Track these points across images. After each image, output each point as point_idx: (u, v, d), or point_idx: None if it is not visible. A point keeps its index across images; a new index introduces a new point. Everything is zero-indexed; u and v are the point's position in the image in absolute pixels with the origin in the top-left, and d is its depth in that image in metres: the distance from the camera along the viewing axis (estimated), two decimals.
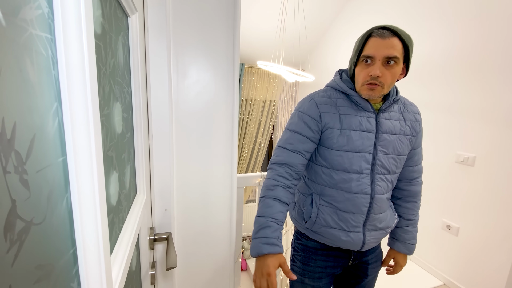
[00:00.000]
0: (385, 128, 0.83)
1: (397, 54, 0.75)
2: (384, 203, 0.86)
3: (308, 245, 0.92)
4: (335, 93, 0.86)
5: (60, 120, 0.25)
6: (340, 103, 0.84)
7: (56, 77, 0.25)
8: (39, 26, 0.22)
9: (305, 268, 0.92)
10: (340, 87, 0.85)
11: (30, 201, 0.20)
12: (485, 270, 1.78)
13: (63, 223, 0.26)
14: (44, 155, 0.22)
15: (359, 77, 0.81)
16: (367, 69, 0.78)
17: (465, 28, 1.87)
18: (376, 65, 0.75)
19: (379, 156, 0.82)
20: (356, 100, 0.83)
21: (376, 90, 0.78)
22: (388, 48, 0.74)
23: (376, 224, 0.86)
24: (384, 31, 0.75)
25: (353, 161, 0.81)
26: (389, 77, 0.77)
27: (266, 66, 2.21)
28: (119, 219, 0.47)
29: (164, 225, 0.84)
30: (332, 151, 0.82)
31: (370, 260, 0.94)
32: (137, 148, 0.64)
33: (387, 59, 0.75)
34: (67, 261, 0.27)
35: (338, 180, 0.82)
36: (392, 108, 0.86)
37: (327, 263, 0.90)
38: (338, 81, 0.87)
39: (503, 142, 1.68)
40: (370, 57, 0.76)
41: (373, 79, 0.77)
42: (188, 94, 0.91)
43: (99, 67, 0.37)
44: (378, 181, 0.83)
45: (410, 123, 0.87)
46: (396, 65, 0.76)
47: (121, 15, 0.53)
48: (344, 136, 0.81)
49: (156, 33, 0.77)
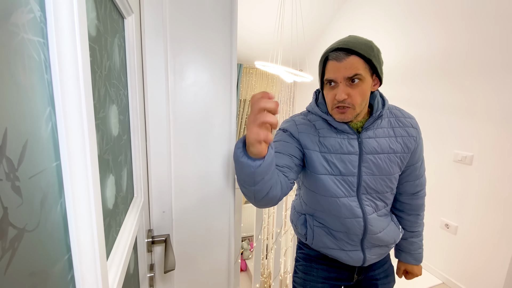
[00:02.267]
0: (370, 149, 0.77)
1: (359, 71, 0.70)
2: (380, 221, 0.81)
3: (310, 254, 0.90)
4: (314, 116, 0.83)
5: (54, 124, 0.25)
6: (319, 126, 0.80)
7: (49, 82, 0.24)
8: (31, 30, 0.22)
9: (306, 278, 0.90)
10: (315, 112, 0.82)
11: (22, 208, 0.20)
12: (483, 268, 1.79)
13: (58, 229, 0.26)
14: (37, 160, 0.22)
15: (328, 100, 0.77)
16: (332, 91, 0.74)
17: (463, 28, 1.87)
18: (340, 88, 0.71)
19: (364, 178, 0.77)
20: (332, 123, 0.78)
21: (348, 113, 0.73)
22: (346, 69, 0.69)
23: (375, 242, 0.82)
24: (339, 53, 0.70)
25: (339, 185, 0.77)
26: (358, 97, 0.72)
27: (264, 66, 2.21)
28: (116, 222, 0.47)
29: (162, 227, 0.84)
30: (315, 176, 0.79)
31: (379, 275, 0.90)
32: (134, 150, 0.64)
33: (350, 79, 0.70)
34: (62, 267, 0.26)
35: (328, 205, 0.79)
36: (378, 124, 0.79)
37: (330, 274, 0.88)
38: (313, 105, 0.84)
39: (500, 140, 1.69)
40: (331, 80, 0.73)
41: (340, 103, 0.72)
42: (185, 95, 0.91)
43: (94, 70, 0.36)
44: (366, 201, 0.79)
45: (401, 139, 0.79)
46: (362, 82, 0.71)
47: (116, 17, 0.53)
48: (325, 160, 0.77)
49: (152, 35, 0.77)
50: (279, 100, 3.98)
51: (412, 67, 2.25)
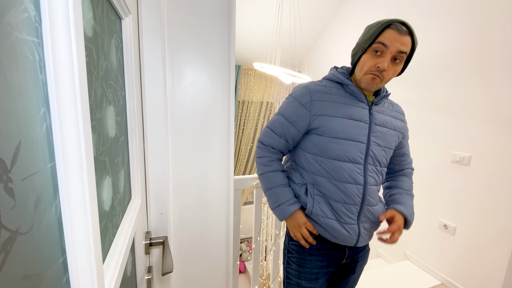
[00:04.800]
0: (379, 121, 0.84)
1: (407, 51, 0.76)
2: (377, 195, 0.87)
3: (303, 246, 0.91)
4: (330, 83, 0.87)
5: (48, 125, 0.25)
6: (334, 92, 0.85)
7: (43, 82, 0.24)
8: (25, 30, 0.21)
9: (301, 270, 0.90)
10: (337, 77, 0.87)
11: (15, 210, 0.20)
12: (482, 269, 1.79)
13: (52, 231, 0.25)
14: (31, 161, 0.22)
15: (364, 65, 0.80)
16: (375, 59, 0.78)
17: (461, 28, 1.89)
18: (386, 58, 0.76)
19: (372, 147, 0.82)
20: (352, 89, 0.84)
21: (376, 81, 0.79)
22: (403, 44, 0.74)
23: (370, 217, 0.86)
24: (402, 26, 0.75)
25: (347, 149, 0.80)
26: (391, 74, 0.79)
27: (263, 67, 2.21)
28: (113, 224, 0.46)
29: (160, 229, 0.83)
30: (326, 138, 0.81)
31: (360, 258, 0.94)
32: (131, 151, 0.63)
33: (396, 55, 0.76)
34: (56, 270, 0.26)
35: (331, 169, 0.81)
36: (383, 104, 0.89)
37: (322, 262, 0.90)
38: (334, 72, 0.89)
39: (498, 141, 1.70)
40: (384, 45, 0.75)
41: (377, 71, 0.77)
42: (183, 96, 0.90)
43: (91, 70, 0.36)
44: (371, 172, 0.83)
45: (397, 121, 0.90)
46: (400, 63, 0.79)
47: (114, 18, 0.53)
48: (338, 123, 0.81)
49: (150, 36, 0.76)
50: (277, 102, 3.99)
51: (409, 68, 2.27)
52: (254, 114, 3.83)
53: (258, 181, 1.45)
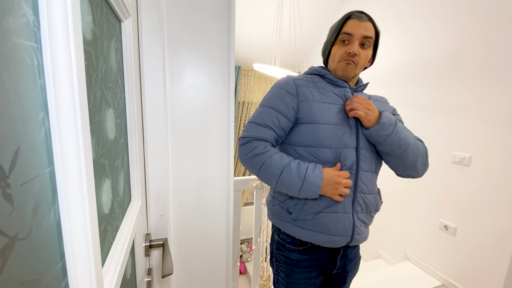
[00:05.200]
0: None
1: (372, 36, 0.83)
2: (370, 182, 0.84)
3: (290, 258, 0.87)
4: (311, 76, 0.91)
5: (47, 130, 0.25)
6: (317, 80, 0.88)
7: (42, 86, 0.24)
8: (23, 35, 0.21)
9: (288, 280, 0.89)
10: (315, 69, 0.91)
11: (14, 215, 0.20)
12: (483, 270, 1.78)
13: (51, 236, 0.25)
14: (29, 166, 0.22)
15: (335, 55, 0.86)
16: (344, 47, 0.84)
17: (461, 28, 1.89)
18: (354, 44, 0.82)
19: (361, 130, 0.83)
20: (330, 78, 0.87)
21: (351, 66, 0.83)
22: (365, 29, 0.81)
23: (363, 206, 0.83)
24: (362, 15, 0.83)
25: (339, 134, 0.80)
26: (363, 58, 0.83)
27: (263, 68, 2.21)
28: (113, 227, 0.46)
29: (160, 231, 0.83)
30: (315, 126, 0.80)
31: (349, 268, 0.91)
32: (131, 154, 0.63)
33: (363, 40, 0.81)
34: (55, 275, 0.26)
35: (324, 158, 0.80)
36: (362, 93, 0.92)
37: (311, 273, 0.87)
38: (311, 67, 0.94)
39: (498, 142, 1.70)
40: (349, 35, 0.82)
41: (350, 56, 0.82)
42: (183, 97, 0.90)
43: (90, 73, 0.36)
44: (364, 156, 0.82)
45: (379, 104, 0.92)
46: (369, 48, 0.84)
47: (113, 20, 0.53)
48: (326, 109, 0.82)
49: (150, 38, 0.76)
50: None
51: (410, 69, 2.26)
52: None
53: (258, 182, 1.44)
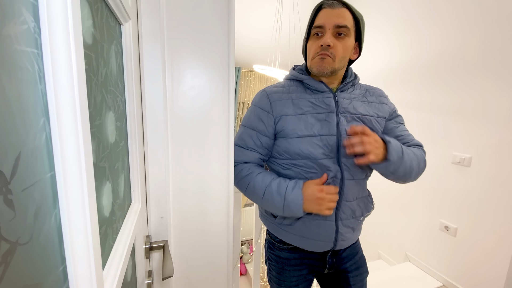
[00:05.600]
0: (346, 108, 0.78)
1: (347, 24, 0.74)
2: (356, 189, 0.80)
3: (280, 256, 0.88)
4: (290, 82, 0.85)
5: (48, 135, 0.25)
6: (293, 90, 0.82)
7: (43, 92, 0.24)
8: (24, 41, 0.22)
9: (280, 278, 0.89)
10: (292, 75, 0.85)
11: (15, 221, 0.20)
12: (484, 270, 1.78)
13: (52, 240, 0.25)
14: (30, 172, 0.22)
15: (310, 51, 0.79)
16: (317, 41, 0.76)
17: (460, 29, 1.89)
18: (327, 35, 0.74)
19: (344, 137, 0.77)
20: (308, 83, 0.80)
21: (326, 61, 0.75)
22: (338, 17, 0.73)
23: (349, 213, 0.80)
24: (333, 1, 0.75)
25: (316, 146, 0.76)
26: (340, 49, 0.75)
27: (263, 69, 2.22)
28: (113, 230, 0.46)
29: (160, 233, 0.84)
30: (291, 140, 0.78)
31: (350, 267, 0.87)
32: (131, 156, 0.63)
33: (337, 30, 0.74)
34: (56, 279, 0.26)
35: (304, 171, 0.78)
36: (352, 91, 0.83)
37: (302, 271, 0.87)
38: (291, 71, 0.88)
39: (498, 142, 1.70)
40: (320, 28, 0.75)
41: (323, 50, 0.74)
42: (183, 100, 0.91)
43: (90, 77, 0.36)
44: (346, 165, 0.78)
45: (374, 105, 0.83)
46: (347, 37, 0.75)
47: (113, 24, 0.53)
48: (300, 121, 0.77)
49: (150, 40, 0.77)
50: None
51: (409, 69, 2.26)
52: None
53: None
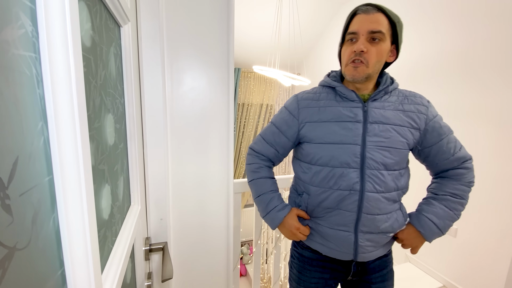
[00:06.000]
0: (375, 118, 0.76)
1: (382, 29, 0.72)
2: (382, 203, 0.76)
3: (303, 255, 0.88)
4: (322, 89, 0.85)
5: (46, 139, 0.25)
6: (323, 97, 0.82)
7: (41, 96, 0.24)
8: (22, 45, 0.22)
9: (300, 277, 0.89)
10: (326, 82, 0.85)
11: (13, 226, 0.20)
12: (484, 271, 1.78)
13: (50, 244, 0.25)
14: (28, 176, 0.22)
15: (344, 57, 0.78)
16: (351, 46, 0.75)
17: (461, 29, 1.89)
18: (360, 41, 0.73)
19: (370, 148, 0.74)
20: (340, 90, 0.80)
21: (360, 68, 0.74)
22: (372, 22, 0.72)
23: (372, 226, 0.77)
24: (368, 7, 0.74)
25: (335, 154, 0.75)
26: (374, 54, 0.73)
27: (262, 70, 2.21)
28: (112, 232, 0.46)
29: (160, 234, 0.83)
30: (313, 145, 0.79)
31: (375, 279, 0.85)
32: (131, 158, 0.63)
33: (371, 35, 0.72)
34: (55, 283, 0.26)
35: (323, 177, 0.77)
36: (386, 99, 0.79)
37: (323, 274, 0.86)
38: (325, 78, 0.88)
39: (499, 142, 1.70)
40: (354, 34, 0.74)
41: (357, 56, 0.73)
42: (183, 101, 0.91)
43: (89, 80, 0.36)
44: (370, 177, 0.74)
45: (410, 114, 0.78)
46: (382, 42, 0.73)
47: (112, 26, 0.53)
48: (324, 128, 0.78)
49: (149, 42, 0.77)
50: (277, 104, 3.99)
51: (411, 69, 2.27)
52: (254, 117, 3.83)
53: None
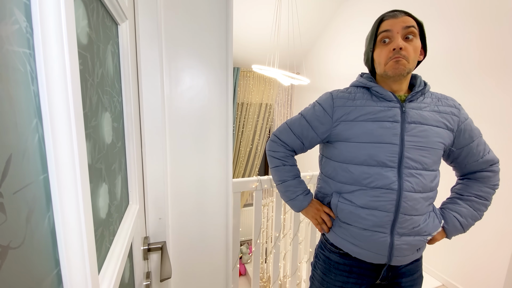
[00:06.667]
0: (413, 118, 0.76)
1: (414, 24, 0.75)
2: (419, 203, 0.76)
3: (330, 258, 0.86)
4: (356, 89, 0.85)
5: (41, 136, 0.24)
6: (359, 97, 0.82)
7: (35, 93, 0.24)
8: (16, 41, 0.21)
9: (324, 278, 0.86)
10: (360, 82, 0.85)
11: (6, 224, 0.19)
12: (483, 270, 1.78)
13: (45, 243, 0.25)
14: (22, 174, 0.22)
15: (380, 58, 0.78)
16: (387, 46, 0.76)
17: (463, 29, 1.89)
18: (396, 39, 0.74)
19: (408, 148, 0.74)
20: (376, 90, 0.80)
21: (402, 63, 0.74)
22: (403, 21, 0.75)
23: (409, 227, 0.76)
24: (395, 12, 0.77)
25: (373, 153, 0.75)
26: (412, 51, 0.75)
27: (262, 70, 2.21)
28: (110, 232, 0.46)
29: (158, 234, 0.83)
30: (350, 144, 0.78)
31: (405, 283, 0.83)
32: (129, 157, 0.63)
33: (406, 31, 0.74)
34: (50, 283, 0.26)
35: (358, 175, 0.76)
36: (422, 100, 0.80)
37: (349, 279, 0.83)
38: (358, 78, 0.87)
39: (498, 141, 1.70)
40: (388, 31, 0.75)
41: (396, 53, 0.74)
42: (181, 100, 0.90)
43: (85, 78, 0.36)
44: (408, 177, 0.74)
45: (445, 116, 0.80)
46: (415, 38, 0.76)
47: (110, 24, 0.53)
48: (361, 127, 0.77)
49: (147, 40, 0.76)
50: (276, 103, 3.99)
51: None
52: (253, 116, 3.83)
53: (258, 184, 1.44)
